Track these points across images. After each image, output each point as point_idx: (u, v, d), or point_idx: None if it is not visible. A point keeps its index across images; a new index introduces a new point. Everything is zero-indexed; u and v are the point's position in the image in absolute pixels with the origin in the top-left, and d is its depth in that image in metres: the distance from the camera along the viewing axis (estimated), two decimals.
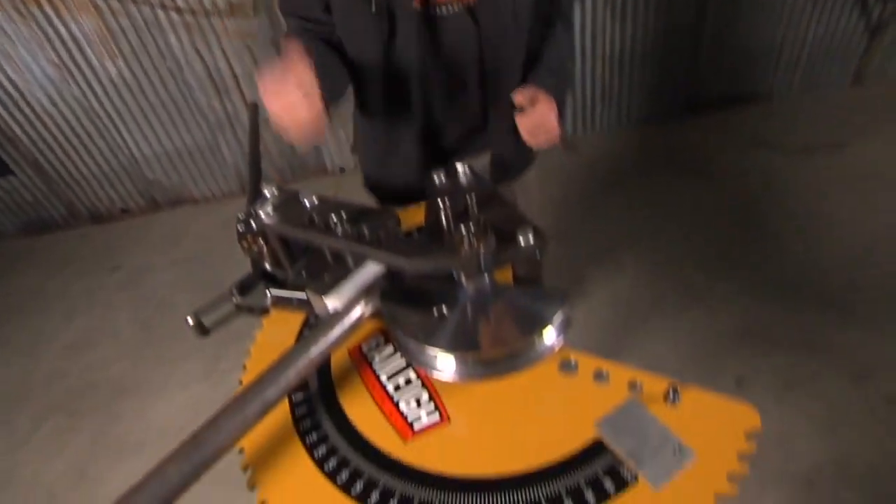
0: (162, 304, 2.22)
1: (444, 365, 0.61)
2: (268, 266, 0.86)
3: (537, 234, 0.64)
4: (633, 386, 0.61)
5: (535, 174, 1.15)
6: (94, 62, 2.42)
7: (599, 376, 0.63)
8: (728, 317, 1.67)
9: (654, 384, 0.60)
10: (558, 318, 0.59)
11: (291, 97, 0.71)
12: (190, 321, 0.84)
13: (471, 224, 0.61)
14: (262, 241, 0.87)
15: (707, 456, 0.53)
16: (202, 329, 0.86)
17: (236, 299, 0.86)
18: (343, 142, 2.82)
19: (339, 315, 0.66)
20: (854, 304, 1.62)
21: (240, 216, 0.96)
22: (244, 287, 0.87)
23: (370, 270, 0.72)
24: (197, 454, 0.52)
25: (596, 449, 0.56)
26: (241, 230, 0.93)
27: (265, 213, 0.76)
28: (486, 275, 0.64)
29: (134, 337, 2.07)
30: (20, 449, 1.69)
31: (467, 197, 0.71)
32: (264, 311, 0.86)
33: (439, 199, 0.65)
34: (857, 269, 1.73)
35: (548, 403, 0.61)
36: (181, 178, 2.84)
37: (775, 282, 1.75)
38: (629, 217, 2.13)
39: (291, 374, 0.59)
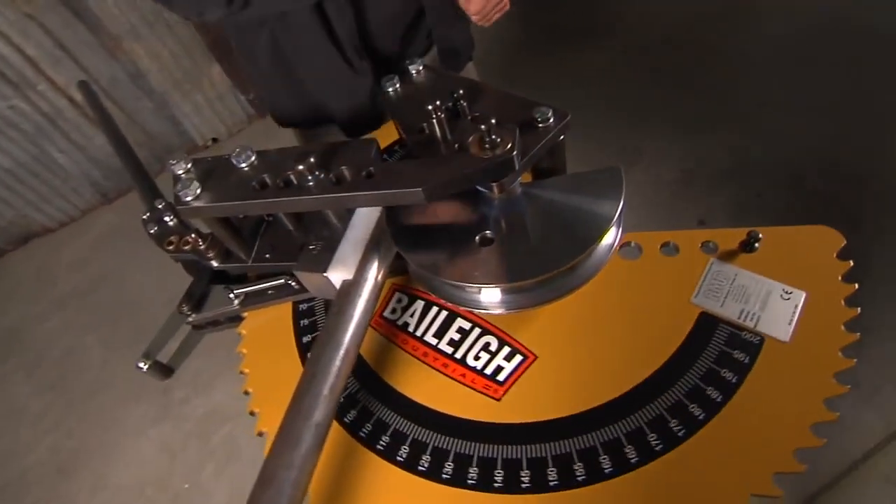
0: (68, 355, 1.84)
1: (505, 299, 0.50)
2: (215, 263, 0.67)
3: (556, 111, 0.52)
4: (706, 247, 0.55)
5: None
6: None
7: (668, 249, 0.56)
8: (669, 165, 1.71)
9: (727, 239, 0.54)
10: (619, 206, 0.50)
11: None
12: (143, 367, 0.63)
13: (487, 119, 0.48)
14: (195, 236, 0.66)
15: (815, 290, 0.49)
16: (163, 370, 0.66)
17: (192, 318, 0.67)
18: (203, 107, 2.39)
19: (352, 287, 0.51)
20: (774, 121, 1.72)
21: (146, 216, 0.73)
22: (195, 299, 0.67)
23: (364, 220, 0.57)
24: None
25: (706, 326, 0.49)
26: (155, 232, 0.71)
27: (193, 196, 0.55)
28: (519, 177, 0.52)
29: (48, 406, 1.70)
30: None
31: (452, 94, 0.56)
32: (234, 318, 0.67)
33: (430, 106, 0.50)
34: (770, 89, 1.82)
35: (629, 299, 0.53)
36: (16, 209, 2.27)
37: (702, 122, 1.79)
38: (538, 95, 2.06)
39: (334, 382, 0.45)
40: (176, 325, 0.67)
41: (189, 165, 0.61)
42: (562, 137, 0.54)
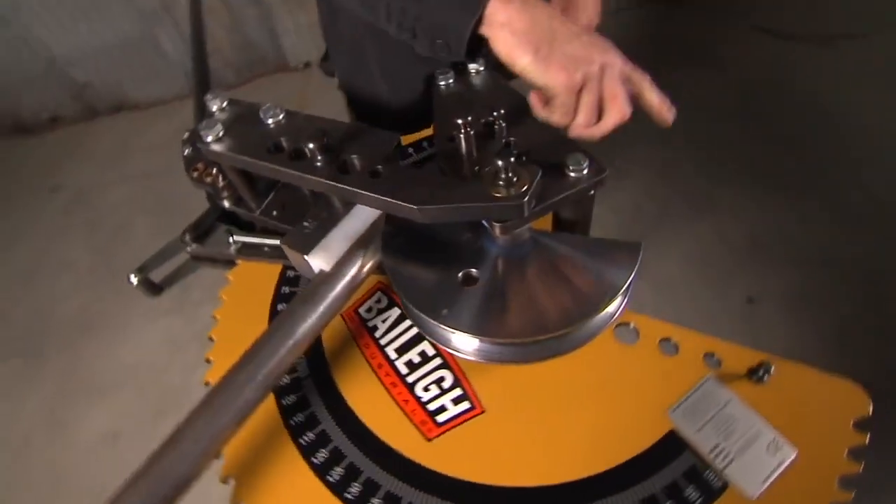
0: (118, 228, 1.98)
1: (472, 345, 0.47)
2: (227, 204, 0.67)
3: (592, 162, 0.47)
4: (709, 359, 0.49)
5: None
6: None
7: (667, 346, 0.50)
8: (736, 227, 1.57)
9: (736, 357, 0.48)
10: (627, 282, 0.45)
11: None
12: (133, 280, 0.66)
13: (509, 154, 0.44)
14: (216, 172, 0.67)
15: (810, 453, 0.43)
16: (152, 287, 0.69)
17: (191, 248, 0.69)
18: (304, 28, 2.42)
19: (326, 280, 0.50)
20: (869, 214, 1.53)
21: (186, 136, 0.75)
22: (200, 231, 0.69)
23: (365, 213, 0.55)
24: (152, 492, 0.38)
25: (671, 445, 0.44)
26: (187, 154, 0.73)
27: (213, 138, 0.55)
28: (528, 223, 0.48)
29: (90, 266, 1.86)
30: None
31: (493, 112, 0.52)
32: (229, 262, 0.69)
33: (459, 120, 0.47)
34: (876, 176, 1.62)
35: (606, 384, 0.49)
36: (118, 80, 2.43)
37: (786, 188, 1.63)
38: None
39: (272, 369, 0.44)
40: (176, 250, 0.69)
41: (224, 104, 0.61)
42: (591, 193, 0.49)
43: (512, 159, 0.43)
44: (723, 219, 1.59)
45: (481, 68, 0.62)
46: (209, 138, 0.55)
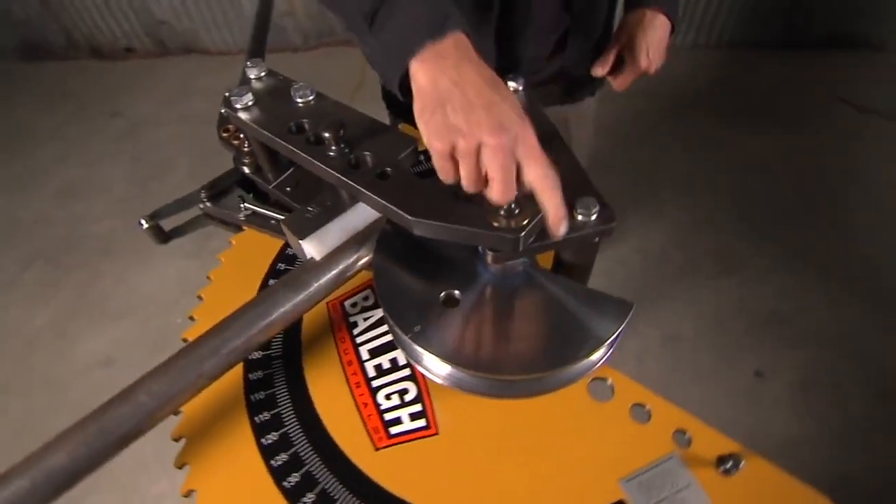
0: (161, 164, 2.06)
1: (441, 369, 0.47)
2: (247, 170, 0.69)
3: (603, 209, 0.46)
4: (679, 436, 0.47)
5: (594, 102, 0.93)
6: None
7: (639, 412, 0.48)
8: (760, 296, 1.50)
9: (708, 441, 0.46)
10: (613, 335, 0.43)
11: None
12: (144, 224, 0.68)
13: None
14: (243, 137, 0.69)
15: None
16: (160, 234, 0.71)
17: (205, 206, 0.70)
18: None
19: (315, 268, 0.50)
20: None
21: (227, 94, 0.76)
22: (217, 191, 0.70)
23: (368, 211, 0.55)
24: (99, 439, 0.39)
25: None
26: (223, 113, 0.74)
27: (242, 106, 0.56)
28: (522, 257, 0.47)
29: (127, 194, 1.94)
30: (6, 293, 1.66)
31: None
32: (236, 226, 0.70)
33: None
34: None
35: (565, 436, 0.47)
36: (193, 22, 2.52)
37: (823, 267, 1.55)
38: (681, 158, 1.87)
39: (239, 346, 0.45)
40: (190, 204, 0.70)
41: (263, 74, 0.62)
42: (595, 240, 0.47)
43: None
44: (748, 284, 1.53)
45: (520, 88, 0.60)
46: (238, 105, 0.56)
